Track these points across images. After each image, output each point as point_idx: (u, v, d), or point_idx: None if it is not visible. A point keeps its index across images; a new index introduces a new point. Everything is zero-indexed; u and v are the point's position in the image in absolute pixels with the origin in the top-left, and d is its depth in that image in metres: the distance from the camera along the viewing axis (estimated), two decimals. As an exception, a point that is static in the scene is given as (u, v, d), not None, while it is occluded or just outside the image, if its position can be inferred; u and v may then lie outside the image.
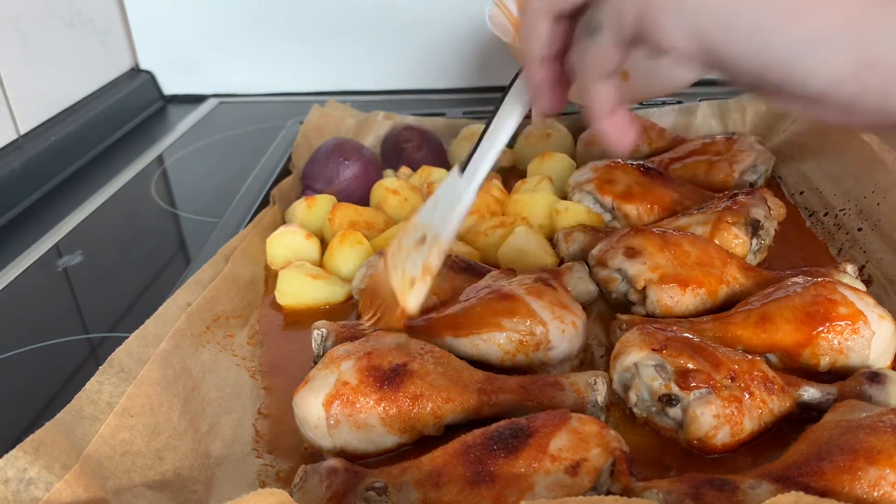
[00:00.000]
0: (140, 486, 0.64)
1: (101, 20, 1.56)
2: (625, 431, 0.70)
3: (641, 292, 0.84)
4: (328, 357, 0.71)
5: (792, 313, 0.75)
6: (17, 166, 1.24)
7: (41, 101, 1.37)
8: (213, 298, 0.86)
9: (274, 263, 0.99)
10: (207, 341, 0.82)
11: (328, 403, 0.67)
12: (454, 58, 1.62)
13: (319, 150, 1.16)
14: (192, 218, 1.20)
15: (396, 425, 0.68)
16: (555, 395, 0.70)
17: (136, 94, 1.63)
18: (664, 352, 0.68)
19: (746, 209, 0.94)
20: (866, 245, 0.93)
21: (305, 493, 0.62)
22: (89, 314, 0.97)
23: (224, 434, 0.73)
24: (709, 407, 0.66)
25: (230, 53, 1.66)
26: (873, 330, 0.74)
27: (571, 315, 0.77)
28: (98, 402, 0.67)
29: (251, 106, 1.65)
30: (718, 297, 0.84)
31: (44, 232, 1.16)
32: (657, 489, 0.58)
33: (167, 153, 1.44)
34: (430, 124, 1.32)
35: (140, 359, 0.73)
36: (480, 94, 1.60)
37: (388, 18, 1.59)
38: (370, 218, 1.05)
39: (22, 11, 1.31)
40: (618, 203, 1.02)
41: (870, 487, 0.55)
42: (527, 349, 0.76)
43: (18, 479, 0.56)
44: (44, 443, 0.59)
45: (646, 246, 0.85)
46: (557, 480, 0.58)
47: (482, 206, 1.03)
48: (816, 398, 0.70)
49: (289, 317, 0.92)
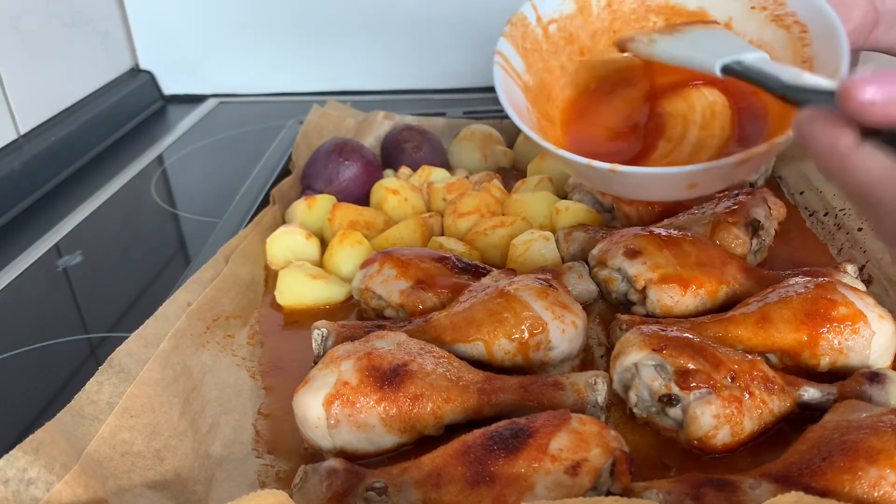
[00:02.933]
0: (140, 487, 0.64)
1: (100, 20, 1.56)
2: (625, 431, 0.70)
3: (641, 292, 0.84)
4: (328, 357, 0.71)
5: (792, 313, 0.75)
6: (17, 166, 1.24)
7: (41, 101, 1.37)
8: (213, 298, 0.86)
9: (274, 263, 0.99)
10: (207, 341, 0.82)
11: (328, 403, 0.67)
12: (454, 58, 1.62)
13: (319, 150, 1.16)
14: (192, 218, 1.20)
15: (396, 425, 0.68)
16: (555, 395, 0.70)
17: (136, 94, 1.63)
18: (664, 352, 0.68)
19: (746, 209, 0.94)
20: (866, 245, 0.93)
21: (305, 493, 0.62)
22: (89, 314, 0.97)
23: (224, 434, 0.73)
24: (709, 407, 0.66)
25: (230, 53, 1.66)
26: (873, 330, 0.74)
27: (571, 315, 0.77)
28: (98, 402, 0.67)
29: (251, 106, 1.66)
30: (718, 297, 0.84)
31: (44, 232, 1.16)
32: (657, 489, 0.58)
33: (167, 153, 1.44)
34: (430, 124, 1.32)
35: (140, 359, 0.73)
36: (480, 94, 1.60)
37: (388, 18, 1.59)
38: (370, 218, 1.05)
39: (22, 11, 1.31)
40: (618, 203, 1.02)
41: (870, 487, 0.55)
42: (527, 349, 0.76)
43: (18, 479, 0.56)
44: (44, 443, 0.59)
45: (646, 246, 0.85)
46: (557, 480, 0.58)
47: (482, 206, 1.03)
48: (816, 398, 0.70)
49: (289, 317, 0.92)
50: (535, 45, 0.85)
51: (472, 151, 1.23)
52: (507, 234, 0.97)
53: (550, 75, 0.86)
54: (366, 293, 0.88)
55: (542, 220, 1.02)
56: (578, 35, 0.87)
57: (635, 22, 0.88)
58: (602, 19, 0.87)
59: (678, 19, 0.86)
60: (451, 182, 1.11)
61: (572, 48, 0.87)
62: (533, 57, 0.85)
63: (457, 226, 1.03)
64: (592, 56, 0.88)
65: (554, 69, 0.86)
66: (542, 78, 0.85)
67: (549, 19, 0.86)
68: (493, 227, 0.99)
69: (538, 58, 0.85)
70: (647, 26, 0.87)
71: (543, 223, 1.02)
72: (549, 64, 0.86)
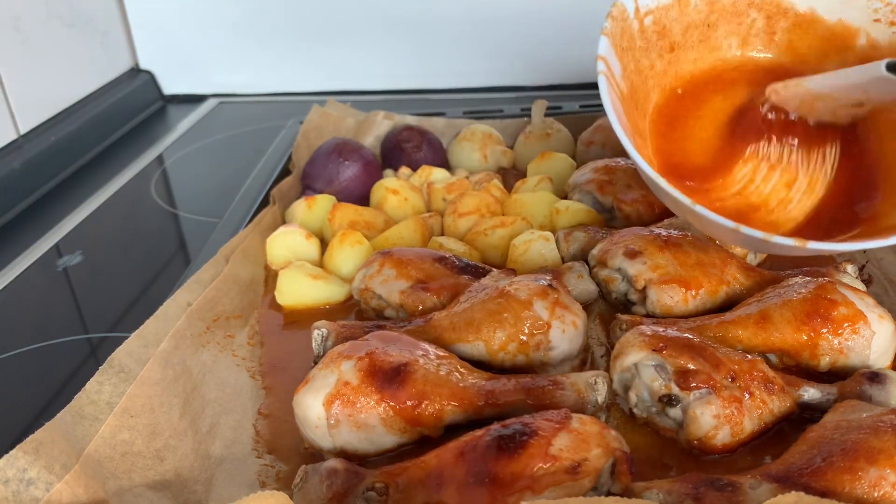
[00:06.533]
0: (140, 487, 0.64)
1: (100, 20, 1.56)
2: (625, 431, 0.70)
3: (641, 292, 0.84)
4: (329, 357, 0.71)
5: (792, 313, 0.75)
6: (17, 166, 1.24)
7: (41, 101, 1.37)
8: (213, 298, 0.86)
9: (274, 263, 0.99)
10: (207, 341, 0.82)
11: (328, 403, 0.67)
12: (454, 58, 1.62)
13: (319, 150, 1.16)
14: (192, 218, 1.20)
15: (397, 425, 0.68)
16: (555, 395, 0.70)
17: (136, 94, 1.63)
18: (664, 352, 0.68)
19: (746, 209, 0.94)
20: (866, 245, 0.93)
21: (306, 493, 0.62)
22: (89, 314, 0.97)
23: (224, 434, 0.73)
24: (709, 407, 0.66)
25: (230, 53, 1.66)
26: (873, 330, 0.74)
27: (572, 315, 0.77)
28: (98, 403, 0.67)
29: (251, 106, 1.66)
30: (718, 297, 0.84)
31: (44, 232, 1.16)
32: (657, 489, 0.58)
33: (167, 153, 1.44)
34: (430, 124, 1.32)
35: (140, 359, 0.73)
36: (480, 94, 1.60)
37: (388, 18, 1.59)
38: (370, 218, 1.05)
39: (22, 11, 1.31)
40: (618, 203, 1.02)
41: (870, 488, 0.55)
42: (527, 349, 0.76)
43: (18, 480, 0.56)
44: (44, 443, 0.59)
45: (646, 246, 0.85)
46: (558, 481, 0.58)
47: (482, 206, 1.03)
48: (816, 398, 0.70)
49: (289, 317, 0.92)
50: (631, 42, 0.79)
51: (472, 151, 1.23)
52: (507, 234, 0.97)
53: (639, 77, 0.81)
54: (366, 293, 0.88)
55: (542, 220, 1.02)
56: (672, 28, 0.81)
57: (734, 17, 0.82)
58: (699, 11, 0.82)
59: (781, 20, 0.81)
60: (451, 182, 1.11)
61: (663, 43, 0.82)
62: (627, 57, 0.79)
63: (457, 226, 1.03)
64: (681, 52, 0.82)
65: (644, 69, 0.81)
66: (633, 82, 0.80)
67: (646, 10, 0.79)
68: (493, 227, 0.99)
69: (631, 58, 0.79)
70: (744, 22, 0.82)
71: (543, 223, 1.02)
72: (640, 64, 0.80)
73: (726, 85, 0.82)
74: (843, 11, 0.77)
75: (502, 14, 1.56)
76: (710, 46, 0.83)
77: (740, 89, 0.82)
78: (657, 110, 0.82)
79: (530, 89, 1.58)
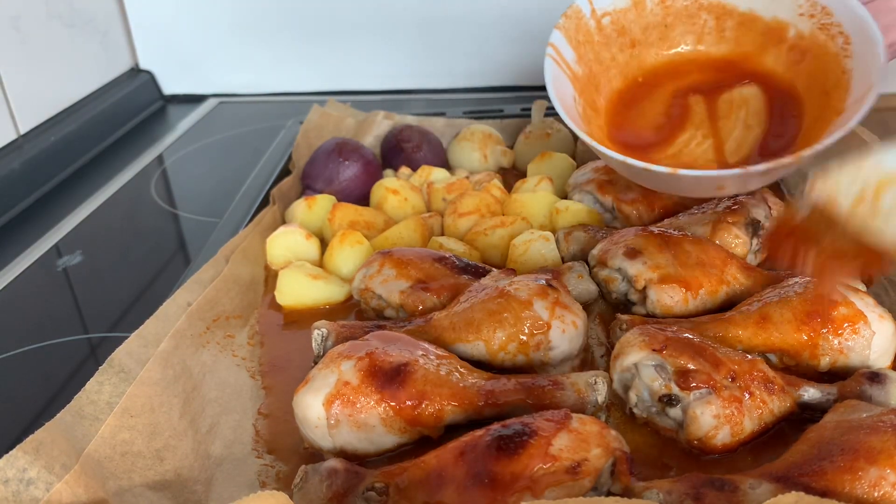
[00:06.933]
0: (140, 487, 0.64)
1: (100, 20, 1.56)
2: (625, 431, 0.70)
3: (641, 292, 0.84)
4: (329, 357, 0.71)
5: (792, 313, 0.75)
6: (17, 166, 1.24)
7: (41, 101, 1.37)
8: (213, 298, 0.86)
9: (274, 263, 0.99)
10: (207, 341, 0.82)
11: (328, 403, 0.67)
12: (455, 57, 1.62)
13: (319, 150, 1.16)
14: (192, 218, 1.20)
15: (397, 425, 0.68)
16: (555, 395, 0.70)
17: (136, 93, 1.63)
18: (664, 352, 0.68)
19: (746, 209, 0.94)
20: (866, 245, 0.93)
21: (306, 493, 0.62)
22: (89, 314, 0.97)
23: (224, 434, 0.73)
24: (709, 407, 0.66)
25: (230, 53, 1.66)
26: (873, 330, 0.74)
27: (572, 315, 0.77)
28: (98, 403, 0.67)
29: (251, 106, 1.66)
30: (718, 297, 0.84)
31: (44, 232, 1.16)
32: (657, 489, 0.58)
33: (167, 153, 1.44)
34: (430, 124, 1.32)
35: (140, 359, 0.73)
36: (481, 94, 1.60)
37: (389, 18, 1.59)
38: (370, 218, 1.05)
39: (22, 11, 1.31)
40: (618, 203, 1.02)
41: (870, 487, 0.56)
42: (527, 349, 0.76)
43: (18, 479, 0.56)
44: (44, 443, 0.59)
45: (646, 246, 0.85)
46: (558, 481, 0.58)
47: (482, 206, 1.03)
48: (816, 398, 0.70)
49: (289, 317, 0.92)
50: (588, 37, 0.90)
51: (472, 151, 1.23)
52: (507, 234, 0.97)
53: (600, 66, 0.91)
54: (366, 293, 0.88)
55: (542, 220, 1.02)
56: (631, 28, 0.92)
57: (687, 18, 0.93)
58: (655, 14, 0.92)
59: (728, 19, 0.91)
60: (451, 182, 1.11)
61: (623, 40, 0.92)
62: (584, 48, 0.89)
63: (457, 226, 1.03)
64: (643, 48, 0.93)
65: (604, 60, 0.91)
66: (591, 68, 0.90)
67: (602, 12, 0.90)
68: (493, 227, 0.99)
69: (589, 49, 0.90)
70: (698, 23, 0.92)
71: (543, 223, 1.02)
72: (599, 55, 0.91)
73: (681, 73, 0.93)
74: (777, 10, 0.89)
75: (503, 14, 1.56)
76: (668, 44, 0.94)
77: (692, 76, 0.93)
78: (618, 93, 0.93)
79: (530, 89, 1.58)
